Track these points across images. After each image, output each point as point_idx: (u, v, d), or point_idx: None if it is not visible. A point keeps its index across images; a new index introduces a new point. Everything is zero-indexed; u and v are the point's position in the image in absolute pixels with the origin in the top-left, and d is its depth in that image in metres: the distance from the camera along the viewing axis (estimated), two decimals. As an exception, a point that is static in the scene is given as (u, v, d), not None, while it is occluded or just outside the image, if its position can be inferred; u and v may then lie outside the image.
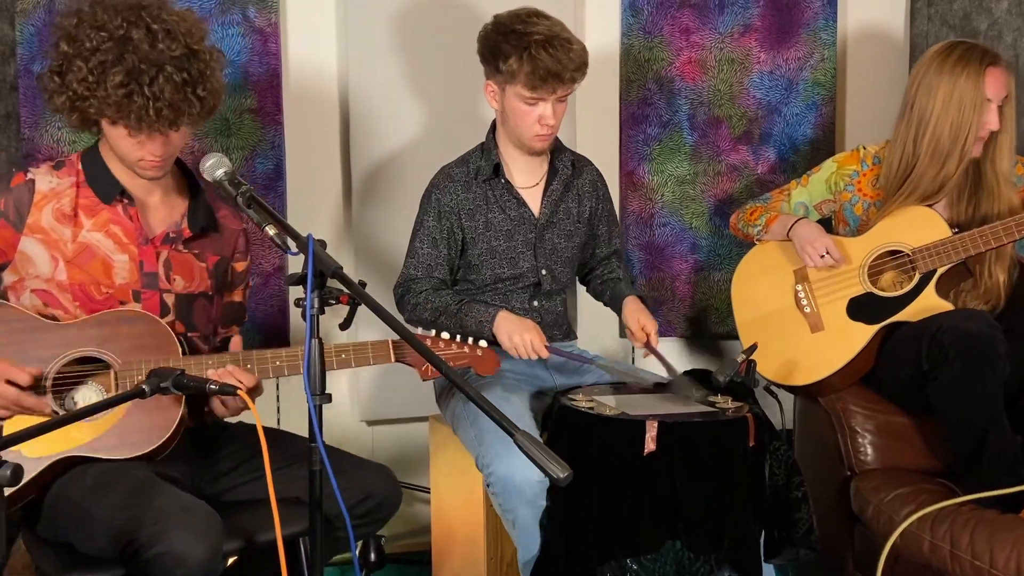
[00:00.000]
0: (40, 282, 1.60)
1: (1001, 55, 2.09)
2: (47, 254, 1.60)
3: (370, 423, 2.51)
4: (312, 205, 2.41)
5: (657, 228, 2.59)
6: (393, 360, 1.65)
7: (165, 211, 1.70)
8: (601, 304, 2.25)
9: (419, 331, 1.70)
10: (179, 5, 2.19)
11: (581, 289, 2.37)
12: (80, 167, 1.65)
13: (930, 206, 2.11)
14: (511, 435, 1.17)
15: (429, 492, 2.25)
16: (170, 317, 1.67)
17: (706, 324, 2.64)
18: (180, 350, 1.59)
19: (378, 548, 2.27)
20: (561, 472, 1.13)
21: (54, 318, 1.61)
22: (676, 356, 2.67)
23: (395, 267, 2.23)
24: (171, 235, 1.68)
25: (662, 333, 2.63)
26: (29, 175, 1.63)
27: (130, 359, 1.57)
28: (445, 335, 1.68)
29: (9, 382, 1.50)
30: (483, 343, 1.69)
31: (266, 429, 1.67)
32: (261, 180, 2.34)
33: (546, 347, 1.91)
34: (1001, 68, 2.04)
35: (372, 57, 2.40)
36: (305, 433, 1.40)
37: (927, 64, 2.07)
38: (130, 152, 1.59)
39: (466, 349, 1.67)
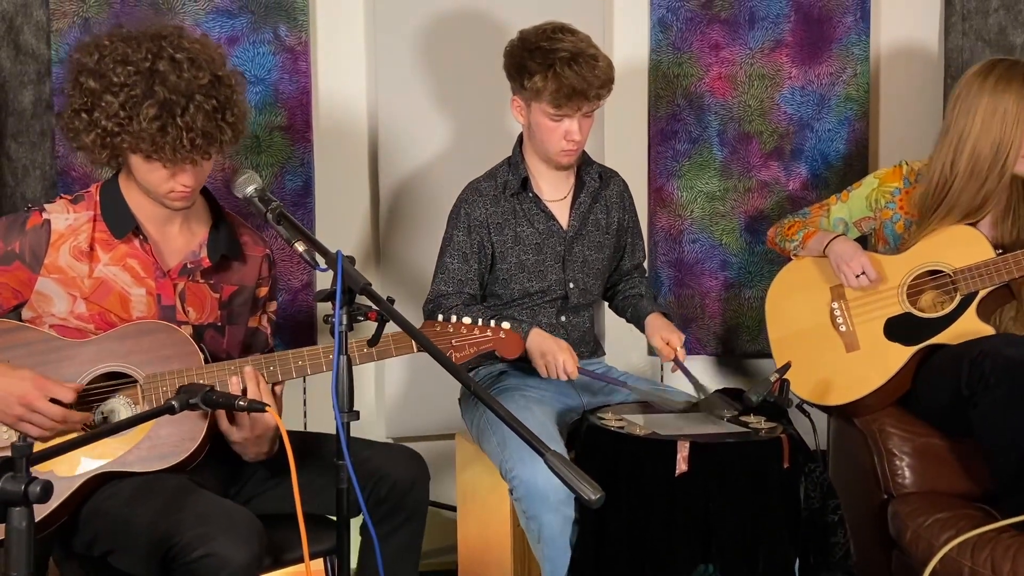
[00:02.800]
0: (57, 319, 1.60)
1: None
2: (64, 292, 1.60)
3: (396, 440, 2.50)
4: (340, 222, 2.42)
5: (687, 245, 2.57)
6: (415, 350, 1.61)
7: (184, 240, 1.68)
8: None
9: (440, 317, 1.66)
10: (214, 26, 2.26)
11: (607, 306, 2.35)
12: (98, 199, 1.64)
13: (973, 224, 2.06)
14: (541, 455, 1.15)
15: (455, 510, 2.23)
16: None
17: (737, 342, 2.60)
18: (202, 358, 1.59)
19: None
20: (593, 494, 1.11)
21: None
22: (706, 374, 2.63)
23: (423, 283, 2.23)
24: (189, 265, 1.67)
25: (691, 351, 2.60)
26: (45, 215, 1.62)
27: (154, 370, 1.57)
28: (467, 319, 1.64)
29: (52, 400, 1.50)
30: (506, 324, 1.65)
31: (292, 433, 1.68)
32: (290, 197, 2.35)
33: (578, 369, 1.89)
34: None
35: (400, 74, 2.42)
36: (330, 430, 1.38)
37: (967, 85, 2.04)
38: (160, 184, 1.58)
39: (489, 333, 1.63)
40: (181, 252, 1.68)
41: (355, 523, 1.51)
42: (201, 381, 1.55)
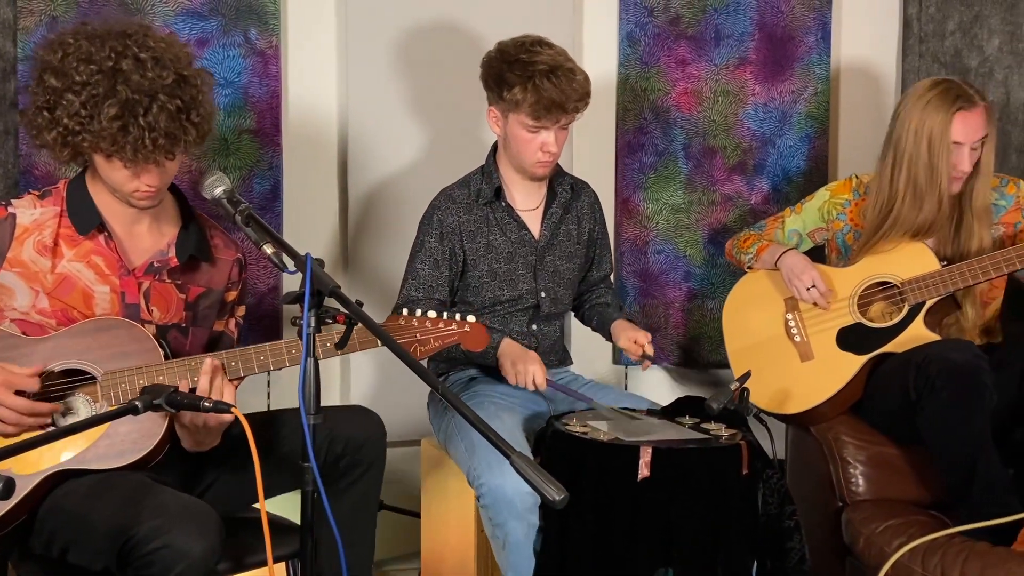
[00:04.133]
0: (18, 313, 1.59)
1: (984, 93, 2.11)
2: (26, 287, 1.58)
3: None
4: (309, 226, 2.41)
5: (652, 256, 2.61)
6: (379, 345, 1.60)
7: (152, 239, 1.67)
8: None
9: (404, 312, 1.66)
10: (184, 27, 2.25)
11: (573, 315, 2.38)
12: (65, 195, 1.63)
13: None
14: (507, 456, 1.17)
15: (420, 516, 2.23)
16: None
17: (700, 352, 2.64)
18: (162, 354, 1.58)
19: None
20: (557, 494, 1.13)
21: None
22: (669, 384, 2.67)
23: (391, 289, 2.24)
24: (155, 264, 1.66)
25: (655, 360, 2.63)
26: (10, 209, 1.61)
27: (113, 367, 1.56)
28: (431, 312, 1.65)
29: (17, 392, 1.48)
30: (471, 317, 1.66)
31: (257, 415, 1.67)
32: (258, 200, 2.34)
33: (547, 381, 1.91)
34: (976, 111, 2.04)
35: (372, 80, 2.43)
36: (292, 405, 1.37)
37: (907, 102, 2.11)
38: (125, 184, 1.57)
39: (454, 326, 1.64)
40: (149, 251, 1.67)
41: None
42: (161, 378, 1.54)
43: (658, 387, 2.64)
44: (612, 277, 2.35)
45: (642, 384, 2.63)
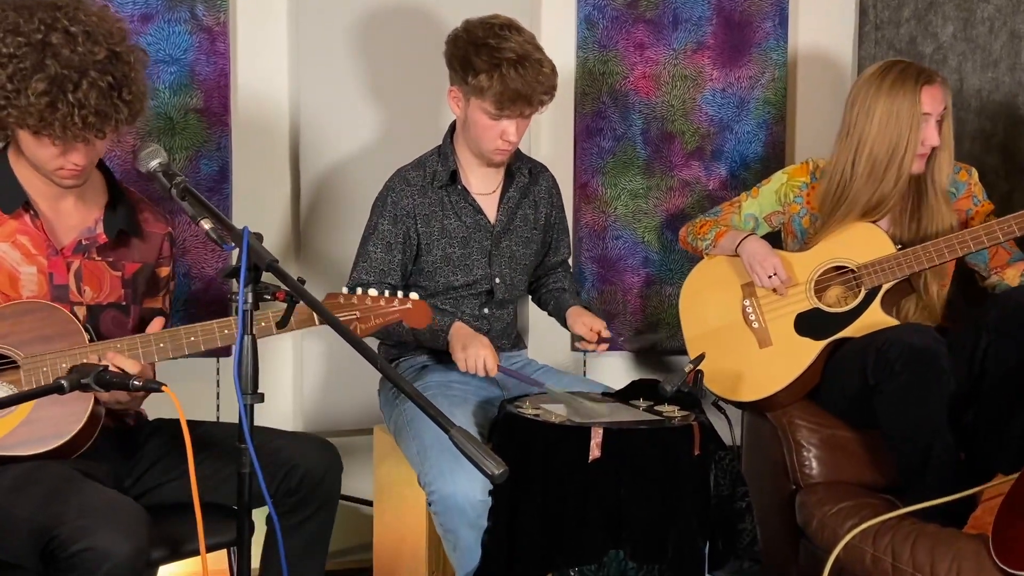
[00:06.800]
0: None
1: (941, 74, 2.14)
2: None
3: (314, 433, 2.44)
4: (259, 209, 2.36)
5: (610, 241, 2.59)
6: (318, 323, 1.56)
7: (79, 216, 1.61)
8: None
9: (345, 290, 1.62)
10: (127, 1, 2.17)
11: (530, 299, 2.35)
12: None
13: (874, 222, 2.14)
14: (446, 431, 1.13)
15: (372, 506, 2.19)
16: None
17: (657, 338, 2.63)
18: (86, 337, 1.52)
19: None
20: (496, 469, 1.10)
21: None
22: (627, 369, 2.66)
23: (343, 274, 2.19)
24: (84, 242, 1.60)
25: (613, 346, 2.62)
26: None
27: (35, 351, 1.50)
28: (372, 291, 1.62)
29: None
30: (413, 295, 1.63)
31: (198, 422, 1.62)
32: (205, 182, 2.28)
33: (498, 367, 1.88)
34: (937, 84, 2.08)
35: (325, 61, 2.37)
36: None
37: (864, 86, 2.11)
38: (50, 161, 1.51)
39: (396, 303, 1.61)
40: (76, 229, 1.61)
41: (262, 514, 1.47)
42: (85, 361, 1.48)
43: (616, 373, 2.62)
44: (570, 262, 2.32)
45: (600, 370, 2.61)
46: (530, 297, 2.29)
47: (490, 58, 1.86)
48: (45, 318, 1.51)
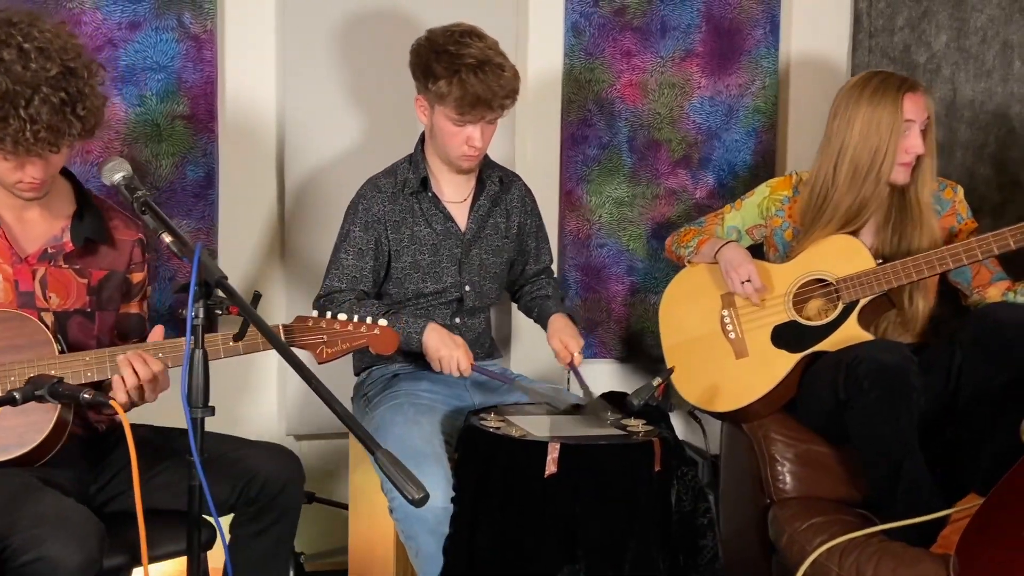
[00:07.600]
0: None
1: (923, 82, 2.12)
2: None
3: (298, 437, 2.47)
4: (245, 215, 2.39)
5: (594, 249, 2.59)
6: (263, 348, 1.58)
7: (45, 225, 1.64)
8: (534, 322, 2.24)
9: (314, 312, 1.64)
10: (115, 10, 2.21)
11: (516, 307, 2.36)
12: None
13: (855, 233, 2.12)
14: (371, 453, 1.15)
15: (348, 509, 2.22)
16: None
17: (642, 346, 2.63)
18: (56, 348, 1.55)
19: (298, 566, 2.23)
20: (416, 494, 1.12)
21: None
22: (610, 378, 2.65)
23: (326, 277, 2.21)
24: (50, 251, 1.63)
25: (597, 355, 2.63)
26: None
27: (2, 360, 1.53)
28: (342, 316, 1.63)
29: None
30: (382, 321, 1.64)
31: (168, 429, 1.64)
32: (192, 188, 2.31)
33: (472, 366, 1.89)
34: (920, 92, 2.06)
35: (311, 68, 2.39)
36: (215, 429, 1.37)
37: (846, 96, 2.09)
38: (7, 175, 1.54)
39: (363, 329, 1.62)
40: (42, 237, 1.64)
41: (228, 522, 1.49)
42: (53, 372, 1.51)
43: (599, 381, 2.61)
44: (555, 269, 2.32)
45: (585, 378, 2.60)
46: (516, 306, 2.30)
47: (450, 64, 1.88)
48: (16, 328, 1.54)
